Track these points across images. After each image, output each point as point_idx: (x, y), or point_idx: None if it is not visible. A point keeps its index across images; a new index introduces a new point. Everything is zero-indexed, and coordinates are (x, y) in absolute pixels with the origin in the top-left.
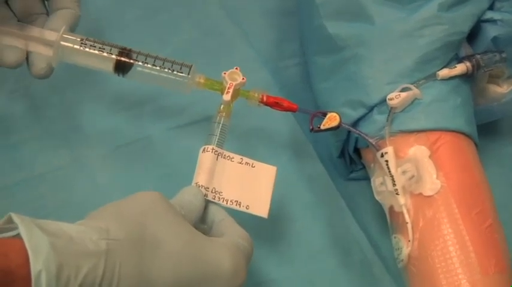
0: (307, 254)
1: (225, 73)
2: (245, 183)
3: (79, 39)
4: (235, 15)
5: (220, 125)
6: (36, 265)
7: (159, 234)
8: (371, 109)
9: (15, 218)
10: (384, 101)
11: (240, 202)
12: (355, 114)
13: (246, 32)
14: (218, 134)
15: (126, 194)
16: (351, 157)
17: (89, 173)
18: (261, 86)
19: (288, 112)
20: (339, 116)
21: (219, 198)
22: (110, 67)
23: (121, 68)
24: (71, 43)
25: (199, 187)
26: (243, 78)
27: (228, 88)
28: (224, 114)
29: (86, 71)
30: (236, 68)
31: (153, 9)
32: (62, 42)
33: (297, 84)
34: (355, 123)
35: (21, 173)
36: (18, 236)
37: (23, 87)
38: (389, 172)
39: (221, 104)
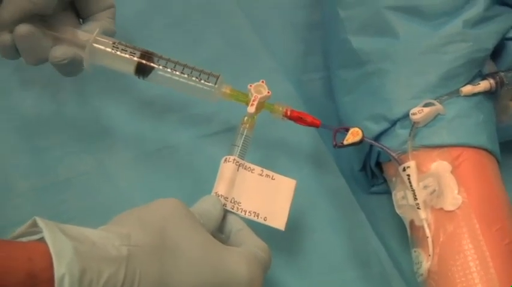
0: (325, 266)
1: (250, 85)
2: (264, 195)
3: (111, 42)
4: (261, 27)
5: (243, 136)
6: (59, 269)
7: (179, 241)
8: (394, 123)
9: (40, 222)
10: (406, 115)
11: (258, 213)
12: (377, 128)
13: (271, 44)
14: (240, 145)
15: (149, 201)
16: (372, 171)
17: (113, 179)
18: (284, 99)
19: None
20: (362, 131)
21: (237, 208)
22: (131, 69)
23: (142, 70)
24: (103, 45)
25: (218, 196)
26: (268, 92)
27: (253, 100)
28: (247, 125)
29: (113, 76)
30: (262, 81)
31: (180, 19)
32: (94, 44)
33: (320, 97)
34: (378, 138)
35: (46, 178)
36: (42, 240)
37: (50, 92)
38: (411, 186)
39: (245, 115)
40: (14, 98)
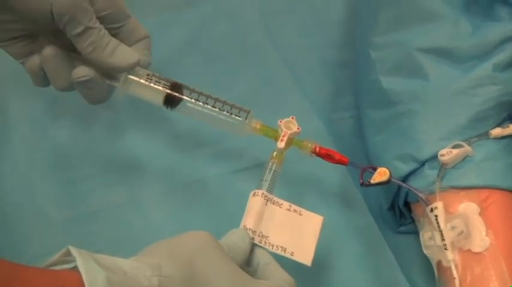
0: None
1: (281, 121)
2: (292, 230)
3: (145, 74)
4: (293, 65)
5: (272, 171)
6: None
7: (209, 273)
8: (422, 164)
9: (73, 251)
10: (435, 156)
11: (285, 248)
12: (406, 168)
13: (303, 82)
14: (269, 180)
15: (178, 233)
16: (400, 210)
17: (143, 211)
18: (314, 136)
19: None
20: (389, 171)
21: (265, 242)
22: (160, 99)
23: (170, 101)
24: (138, 77)
25: (247, 229)
26: (298, 128)
27: (283, 136)
28: (276, 161)
29: (146, 109)
30: (292, 118)
31: (213, 56)
32: (129, 75)
33: (350, 136)
34: (406, 177)
35: (77, 208)
36: (75, 268)
37: (84, 124)
38: (439, 226)
39: (274, 150)
40: (50, 129)
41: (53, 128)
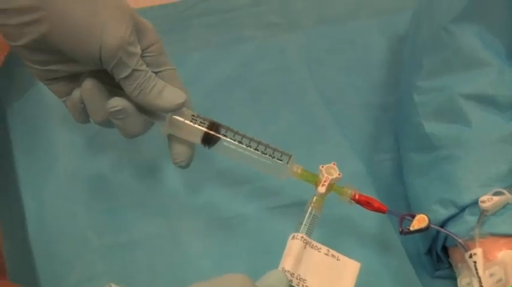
0: None
1: (322, 167)
2: (329, 274)
3: (190, 114)
4: (334, 104)
5: (311, 215)
6: None
7: None
8: (462, 209)
9: None
10: (476, 202)
11: None
12: (446, 213)
13: (343, 122)
14: (308, 224)
15: (215, 269)
16: (438, 255)
17: (182, 244)
18: (353, 177)
19: None
20: (428, 217)
21: (302, 285)
22: (198, 139)
23: (208, 140)
24: (183, 117)
25: (285, 271)
26: (339, 174)
27: (324, 181)
28: (316, 205)
29: None
30: (334, 163)
31: (258, 92)
32: (174, 116)
33: (389, 177)
34: (445, 222)
35: (118, 237)
36: None
37: (127, 156)
38: (477, 273)
39: (314, 195)
40: (92, 160)
41: (95, 159)
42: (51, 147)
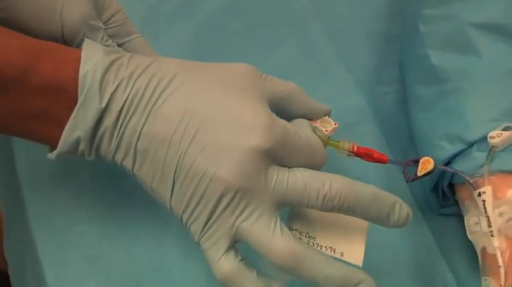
0: (391, 283)
1: (316, 122)
2: (339, 231)
3: None
4: (337, 36)
5: None
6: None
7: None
8: (470, 145)
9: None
10: (484, 138)
11: (334, 249)
12: (453, 149)
13: (346, 54)
14: None
15: None
16: (444, 192)
17: None
18: (355, 111)
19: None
20: (433, 159)
21: (313, 243)
22: None
23: None
24: None
25: (293, 230)
26: (335, 123)
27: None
28: None
29: None
30: (326, 116)
31: (255, 23)
32: None
33: (392, 111)
34: (453, 159)
35: None
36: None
37: None
38: (486, 212)
39: None
40: None
41: None
42: None
